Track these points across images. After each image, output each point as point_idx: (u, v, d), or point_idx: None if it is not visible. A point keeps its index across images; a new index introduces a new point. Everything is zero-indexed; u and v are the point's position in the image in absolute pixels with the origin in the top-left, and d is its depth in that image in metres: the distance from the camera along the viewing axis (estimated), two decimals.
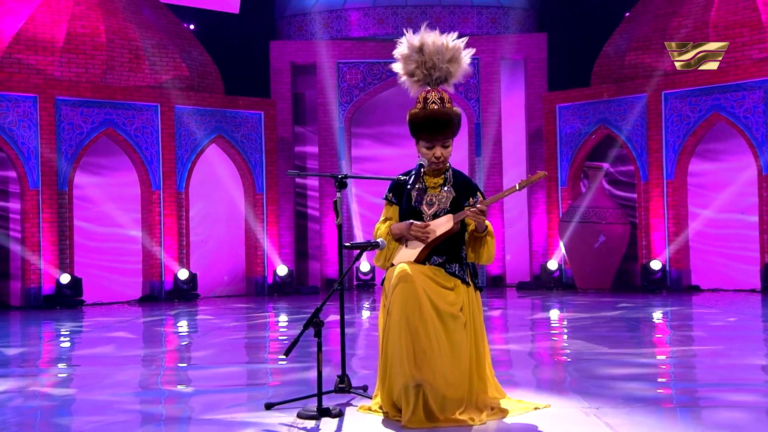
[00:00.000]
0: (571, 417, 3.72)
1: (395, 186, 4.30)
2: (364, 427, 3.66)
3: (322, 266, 15.86)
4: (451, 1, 16.07)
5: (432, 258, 4.03)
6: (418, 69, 4.19)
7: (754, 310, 10.16)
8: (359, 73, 15.95)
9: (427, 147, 4.10)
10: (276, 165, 15.04)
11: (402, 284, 3.83)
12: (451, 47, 4.18)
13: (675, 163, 13.44)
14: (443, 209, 4.08)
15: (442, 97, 4.10)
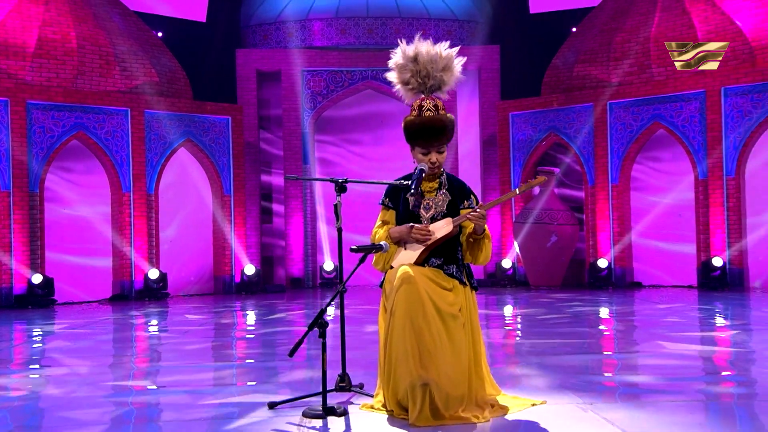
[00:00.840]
0: (570, 413, 3.70)
1: (391, 191, 4.25)
2: (371, 426, 3.59)
3: (287, 266, 15.70)
4: (410, 13, 16.08)
5: (430, 260, 4.00)
6: (413, 77, 4.13)
7: (696, 305, 10.37)
8: (323, 80, 15.84)
9: (423, 153, 4.06)
10: (243, 168, 14.85)
11: (405, 286, 3.78)
12: (444, 56, 4.14)
13: (619, 168, 13.67)
14: (440, 212, 4.05)
15: (436, 105, 4.07)
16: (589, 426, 3.46)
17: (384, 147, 16.42)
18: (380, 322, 4.08)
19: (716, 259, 12.46)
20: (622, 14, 14.13)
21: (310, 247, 15.70)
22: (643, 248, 13.94)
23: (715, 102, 12.85)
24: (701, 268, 12.76)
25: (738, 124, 12.71)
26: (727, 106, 12.80)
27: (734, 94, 12.74)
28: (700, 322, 8.50)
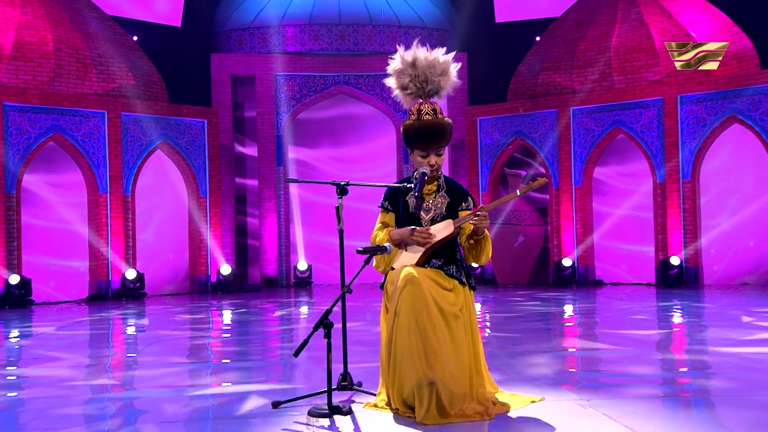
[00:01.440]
0: (570, 409, 3.67)
1: (390, 194, 4.19)
2: (379, 424, 3.53)
3: (262, 266, 15.54)
4: (381, 21, 16.02)
5: (431, 261, 3.96)
6: (411, 82, 4.09)
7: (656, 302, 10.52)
8: (296, 85, 15.72)
9: (422, 156, 4.01)
10: (219, 170, 14.66)
11: (410, 287, 3.74)
12: (441, 61, 4.10)
13: (582, 171, 13.82)
14: (439, 214, 4.02)
15: (434, 109, 4.02)
16: (592, 422, 3.44)
17: (356, 149, 16.37)
18: (382, 323, 4.03)
19: (674, 258, 12.67)
20: (584, 25, 14.29)
21: (284, 247, 15.57)
22: (604, 248, 14.12)
23: (671, 109, 13.07)
24: (659, 266, 12.96)
25: (693, 130, 12.95)
26: (683, 113, 13.02)
27: (690, 101, 12.98)
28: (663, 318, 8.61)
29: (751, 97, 12.50)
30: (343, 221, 4.12)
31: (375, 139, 16.29)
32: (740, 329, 6.93)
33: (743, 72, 12.80)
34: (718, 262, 13.05)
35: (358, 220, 15.71)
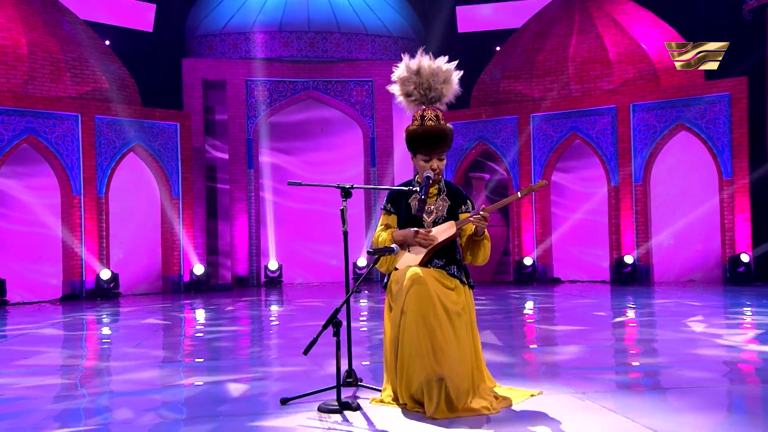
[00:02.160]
0: (568, 402, 3.69)
1: (392, 197, 4.19)
2: (390, 419, 3.53)
3: (233, 265, 15.36)
4: (349, 29, 16.02)
5: (433, 261, 3.98)
6: (416, 90, 4.10)
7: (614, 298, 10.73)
8: (266, 90, 15.58)
9: (424, 160, 4.02)
10: (191, 172, 14.44)
11: (416, 286, 3.74)
12: (444, 70, 4.12)
13: (541, 174, 14.01)
14: (441, 216, 4.03)
15: (437, 115, 4.04)
16: (595, 414, 3.49)
17: (325, 153, 16.31)
18: (385, 321, 4.02)
19: (627, 257, 12.95)
20: (542, 36, 14.51)
21: (254, 247, 15.42)
22: (561, 247, 14.34)
23: (624, 117, 13.35)
24: (614, 265, 13.22)
25: (645, 137, 13.26)
26: (635, 120, 13.32)
27: (641, 110, 13.28)
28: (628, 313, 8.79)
29: (697, 107, 12.86)
30: (348, 223, 4.09)
31: (343, 143, 16.26)
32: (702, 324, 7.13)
33: (690, 83, 13.16)
34: (668, 260, 13.39)
35: (315, 220, 15.72)
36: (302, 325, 7.83)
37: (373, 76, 15.75)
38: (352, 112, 15.80)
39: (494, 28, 16.13)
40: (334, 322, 3.79)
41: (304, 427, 3.43)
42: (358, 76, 15.75)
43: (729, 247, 12.47)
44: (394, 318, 3.88)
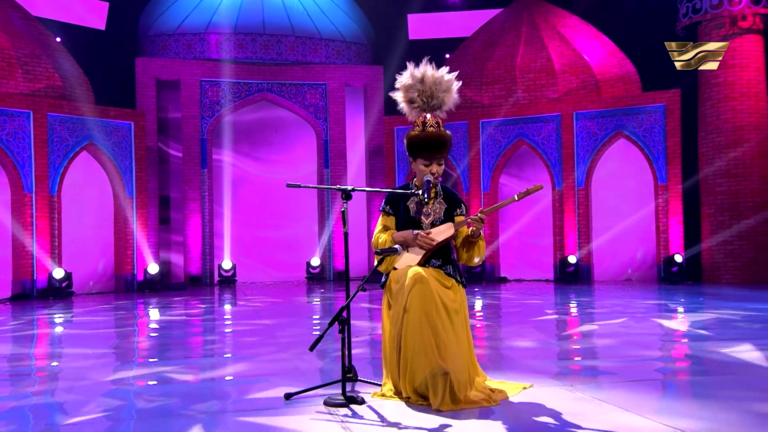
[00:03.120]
0: (560, 394, 3.76)
1: (391, 199, 4.27)
2: (398, 412, 3.58)
3: (186, 264, 15.10)
4: (303, 33, 15.98)
5: (431, 261, 4.06)
6: (419, 97, 4.17)
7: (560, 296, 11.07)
8: (220, 91, 15.39)
9: (425, 164, 4.11)
10: (146, 171, 14.12)
11: (419, 285, 3.82)
12: (446, 79, 4.21)
13: (489, 178, 14.32)
14: (438, 219, 4.13)
15: (438, 122, 4.13)
16: (589, 405, 3.61)
17: (279, 154, 16.22)
18: (384, 319, 4.09)
19: (571, 257, 13.38)
20: (491, 45, 14.83)
21: (208, 246, 15.20)
22: (508, 248, 14.69)
23: (568, 124, 13.79)
24: (558, 264, 13.64)
25: (587, 143, 13.73)
26: (578, 127, 13.78)
27: (584, 118, 13.75)
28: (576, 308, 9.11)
29: (635, 116, 13.41)
30: (348, 224, 4.15)
31: (297, 145, 16.20)
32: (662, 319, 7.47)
33: (628, 94, 13.71)
34: (607, 260, 13.89)
35: None
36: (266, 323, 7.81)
37: (326, 79, 15.76)
38: (306, 115, 15.77)
39: (445, 36, 16.38)
40: (340, 320, 3.84)
41: (317, 421, 3.45)
42: (312, 80, 15.72)
43: (663, 248, 13.04)
44: (394, 315, 3.95)
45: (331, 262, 15.60)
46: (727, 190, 12.63)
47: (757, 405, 3.61)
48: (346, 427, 3.34)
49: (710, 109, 12.87)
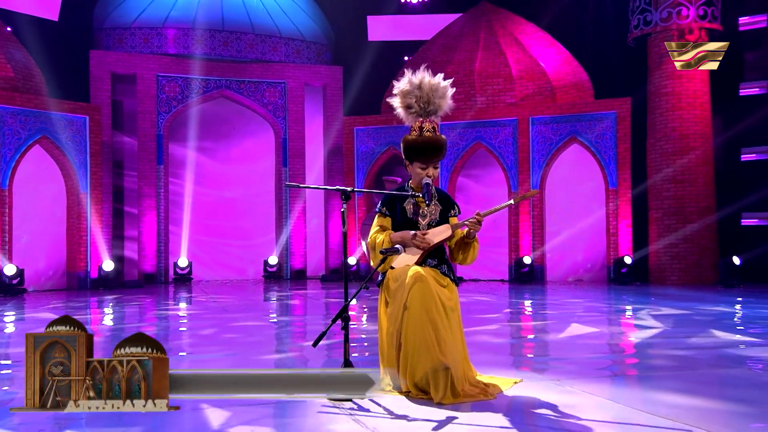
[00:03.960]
0: (550, 388, 3.94)
1: (387, 200, 4.41)
2: (403, 405, 3.72)
3: (140, 262, 14.86)
4: (263, 30, 15.92)
5: (427, 261, 4.22)
6: (416, 103, 4.34)
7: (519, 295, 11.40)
8: (177, 86, 15.20)
9: (421, 167, 4.27)
10: (101, 167, 13.83)
11: (419, 284, 3.97)
12: (442, 86, 4.38)
13: (448, 179, 14.58)
14: (434, 220, 4.29)
15: (433, 127, 4.30)
16: (580, 397, 3.82)
17: (236, 151, 16.12)
18: (381, 316, 4.22)
19: (526, 258, 13.76)
20: (451, 50, 15.10)
21: (162, 244, 14.99)
22: None
23: (524, 129, 14.18)
24: (513, 265, 14.01)
25: (542, 148, 14.14)
26: (533, 132, 14.18)
27: (539, 123, 14.16)
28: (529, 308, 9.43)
29: (587, 122, 13.89)
30: (347, 224, 4.26)
31: (255, 142, 16.14)
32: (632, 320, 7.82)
33: (582, 100, 14.19)
34: (560, 261, 14.35)
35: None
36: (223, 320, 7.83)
37: (286, 78, 15.75)
38: (265, 113, 15.73)
39: (403, 39, 16.58)
40: (344, 317, 3.96)
41: (326, 414, 3.56)
42: (271, 78, 15.69)
43: (613, 250, 13.56)
44: (393, 313, 4.09)
45: (288, 260, 15.60)
46: (674, 195, 13.22)
47: (737, 392, 3.90)
48: (357, 419, 3.46)
49: (659, 118, 13.45)
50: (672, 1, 13.15)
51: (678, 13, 13.16)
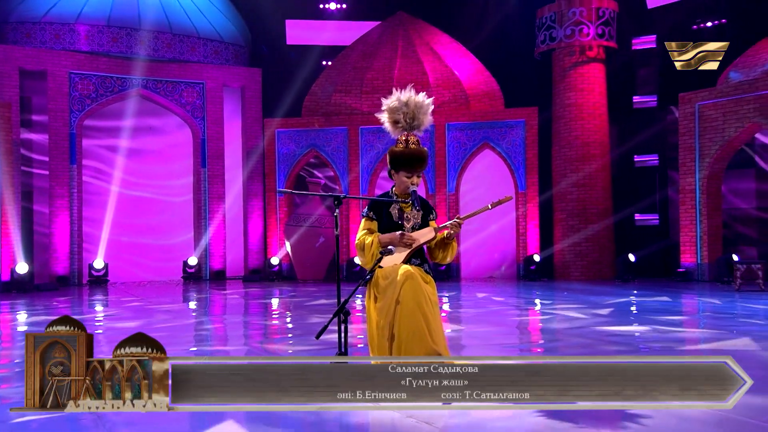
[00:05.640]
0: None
1: (374, 205, 4.80)
2: None
3: (52, 264, 14.35)
4: (181, 30, 15.78)
5: (411, 260, 4.65)
6: (404, 118, 4.73)
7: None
8: (91, 84, 14.81)
9: (407, 176, 4.68)
10: (12, 166, 13.28)
11: (410, 281, 4.40)
12: (426, 104, 4.80)
13: (368, 181, 15.07)
14: (416, 223, 4.73)
15: (417, 140, 4.72)
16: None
17: (153, 150, 15.86)
18: (371, 310, 4.62)
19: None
20: (370, 56, 15.59)
21: (76, 245, 14.55)
22: None
23: (441, 134, 14.90)
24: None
25: (457, 152, 14.91)
26: (449, 138, 14.92)
27: (455, 129, 14.92)
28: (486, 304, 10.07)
29: (499, 129, 14.80)
30: (340, 227, 4.62)
31: (172, 141, 15.94)
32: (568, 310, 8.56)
33: (493, 109, 15.09)
34: (474, 260, 15.17)
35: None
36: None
37: (204, 78, 15.68)
38: (183, 113, 15.59)
39: (322, 44, 16.89)
40: (344, 312, 4.32)
41: None
42: (189, 78, 15.58)
43: (523, 249, 14.53)
44: (384, 307, 4.49)
45: (207, 261, 15.55)
46: (577, 198, 14.34)
47: None
48: None
49: (563, 127, 14.54)
50: (575, 20, 14.27)
51: (580, 31, 14.29)
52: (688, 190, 13.39)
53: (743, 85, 12.71)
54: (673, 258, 14.12)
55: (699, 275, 13.13)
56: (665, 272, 14.42)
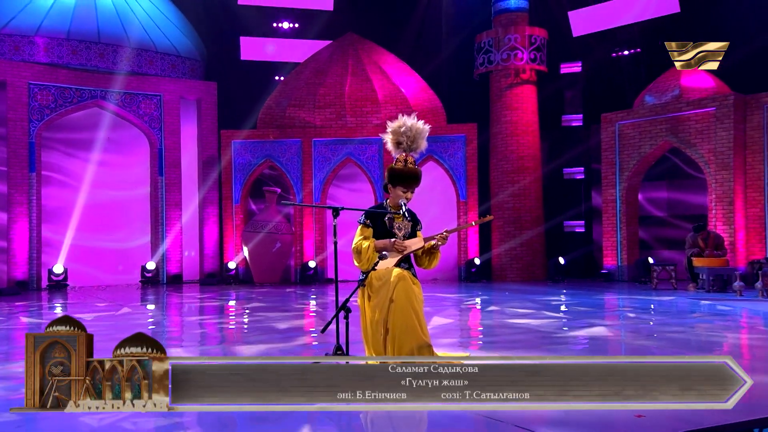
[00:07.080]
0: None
1: (369, 215, 5.37)
2: None
3: (10, 269, 14.19)
4: (138, 44, 15.91)
5: (401, 264, 5.26)
6: (406, 141, 5.32)
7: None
8: (50, 95, 14.79)
9: (403, 191, 5.30)
10: None
11: (402, 282, 5.03)
12: (425, 130, 5.41)
13: (321, 190, 15.57)
14: (407, 233, 5.35)
15: (413, 160, 5.33)
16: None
17: (112, 160, 15.88)
18: (365, 309, 5.19)
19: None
20: (322, 73, 16.13)
21: (35, 251, 14.43)
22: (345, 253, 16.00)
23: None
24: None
25: None
26: None
27: None
28: None
29: (442, 143, 15.59)
30: (338, 236, 5.16)
31: (130, 152, 16.03)
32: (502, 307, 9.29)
33: (437, 124, 15.87)
34: None
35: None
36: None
37: (161, 91, 15.83)
38: (141, 124, 15.69)
39: (275, 60, 17.27)
40: (346, 309, 4.86)
41: None
42: (147, 90, 15.69)
43: (463, 253, 15.33)
44: (378, 305, 5.09)
45: (165, 266, 15.65)
46: (512, 207, 15.28)
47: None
48: None
49: (500, 142, 15.47)
50: (510, 46, 15.23)
51: (515, 55, 15.27)
52: (610, 200, 14.53)
53: (656, 108, 13.95)
54: (597, 261, 15.24)
55: (619, 276, 14.27)
56: (590, 273, 15.54)
